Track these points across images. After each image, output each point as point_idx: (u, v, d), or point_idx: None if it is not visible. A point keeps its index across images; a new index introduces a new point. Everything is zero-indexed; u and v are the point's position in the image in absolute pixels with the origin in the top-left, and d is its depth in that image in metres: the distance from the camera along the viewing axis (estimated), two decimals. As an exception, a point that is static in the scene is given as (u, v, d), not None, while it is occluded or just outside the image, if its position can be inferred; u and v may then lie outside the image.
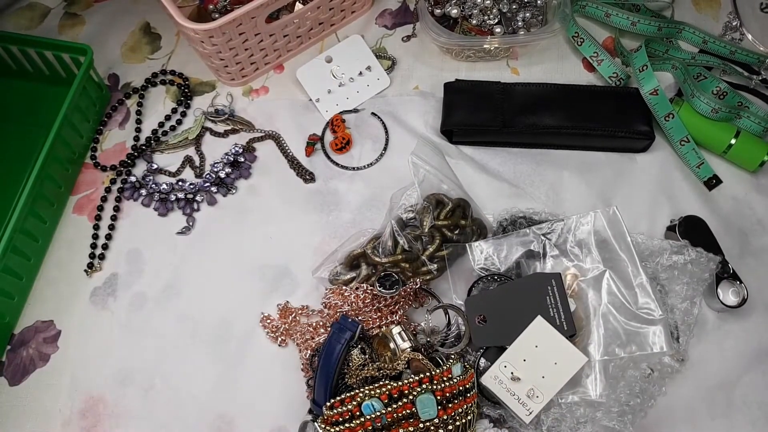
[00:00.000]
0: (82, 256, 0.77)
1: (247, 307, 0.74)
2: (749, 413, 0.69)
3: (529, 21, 0.86)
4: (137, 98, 0.87)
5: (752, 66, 0.86)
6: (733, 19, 0.90)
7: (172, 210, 0.80)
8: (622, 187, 0.79)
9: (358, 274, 0.72)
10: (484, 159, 0.82)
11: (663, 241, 0.73)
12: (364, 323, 0.69)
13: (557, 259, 0.71)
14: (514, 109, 0.81)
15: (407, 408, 0.57)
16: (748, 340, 0.72)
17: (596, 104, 0.81)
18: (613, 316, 0.68)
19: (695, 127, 0.79)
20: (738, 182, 0.80)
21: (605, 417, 0.65)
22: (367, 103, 0.85)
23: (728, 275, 0.71)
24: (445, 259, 0.71)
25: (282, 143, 0.83)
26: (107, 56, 0.89)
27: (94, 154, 0.83)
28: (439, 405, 0.58)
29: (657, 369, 0.67)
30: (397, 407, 0.57)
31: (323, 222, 0.79)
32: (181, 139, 0.84)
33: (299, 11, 0.81)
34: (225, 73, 0.85)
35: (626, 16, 0.85)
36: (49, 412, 0.70)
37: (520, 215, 0.76)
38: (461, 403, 0.59)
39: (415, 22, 0.91)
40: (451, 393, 0.59)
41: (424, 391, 0.58)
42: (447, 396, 0.59)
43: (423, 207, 0.73)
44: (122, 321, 0.74)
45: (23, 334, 0.74)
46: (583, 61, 0.87)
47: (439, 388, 0.58)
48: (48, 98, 0.84)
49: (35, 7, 0.94)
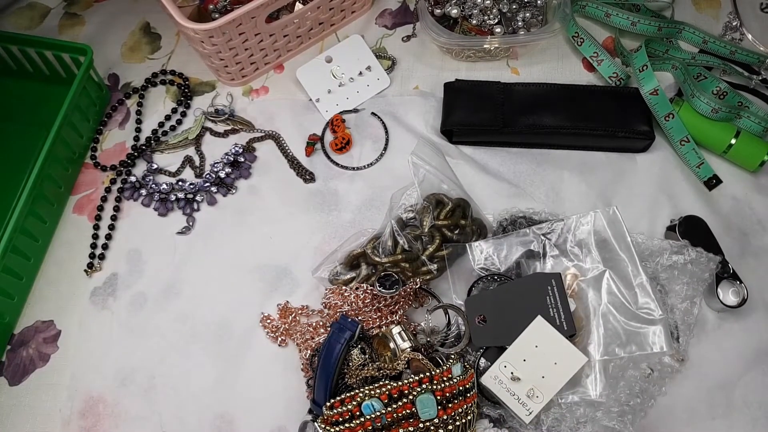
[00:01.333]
0: (82, 256, 0.77)
1: (247, 307, 0.74)
2: (749, 413, 0.69)
3: (529, 21, 0.86)
4: (137, 98, 0.87)
5: (752, 66, 0.86)
6: (733, 19, 0.90)
7: (172, 210, 0.80)
8: (622, 187, 0.79)
9: (358, 274, 0.72)
10: (484, 159, 0.82)
11: (663, 241, 0.73)
12: (364, 323, 0.69)
13: (557, 259, 0.71)
14: (514, 109, 0.81)
15: (407, 408, 0.57)
16: (748, 340, 0.71)
17: (596, 104, 0.81)
18: (613, 316, 0.68)
19: (695, 127, 0.79)
20: (738, 182, 0.80)
21: (605, 417, 0.65)
22: (367, 103, 0.85)
23: (728, 275, 0.71)
24: (445, 259, 0.71)
25: (282, 143, 0.83)
26: (107, 56, 0.89)
27: (94, 154, 0.83)
28: (439, 405, 0.58)
29: (657, 369, 0.67)
30: (397, 407, 0.57)
31: (323, 222, 0.79)
32: (181, 139, 0.84)
33: (299, 11, 0.81)
34: (225, 73, 0.85)
35: (626, 16, 0.85)
36: (49, 412, 0.70)
37: (520, 215, 0.76)
38: (461, 403, 0.59)
39: (415, 22, 0.91)
40: (451, 393, 0.59)
41: (424, 391, 0.58)
42: (447, 396, 0.59)
43: (423, 207, 0.73)
44: (122, 321, 0.74)
45: (23, 334, 0.74)
46: (583, 61, 0.87)
47: (439, 388, 0.58)
48: (48, 98, 0.84)
49: (35, 7, 0.94)
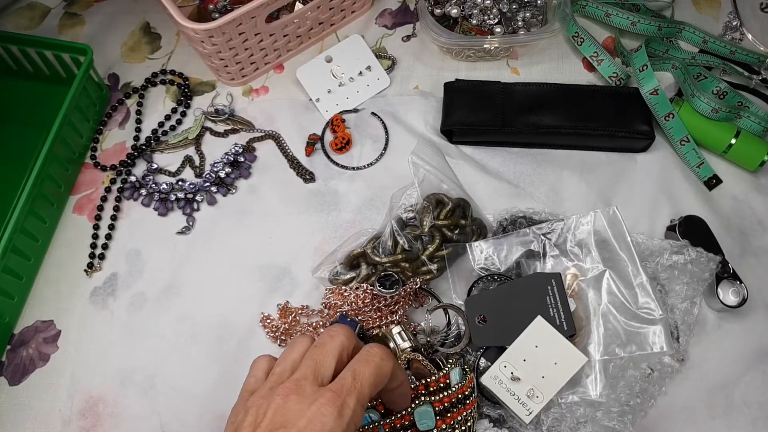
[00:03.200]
0: (82, 256, 0.77)
1: (247, 307, 0.74)
2: (749, 413, 0.69)
3: (529, 21, 0.86)
4: (137, 98, 0.87)
5: (752, 66, 0.86)
6: (733, 19, 0.90)
7: (172, 210, 0.80)
8: (622, 187, 0.79)
9: (358, 274, 0.72)
10: (484, 159, 0.82)
11: (663, 241, 0.73)
12: (364, 323, 0.69)
13: (557, 259, 0.71)
14: (514, 108, 0.81)
15: (405, 420, 0.56)
16: (748, 340, 0.71)
17: (596, 104, 0.81)
18: (613, 316, 0.68)
19: (695, 127, 0.79)
20: (738, 182, 0.80)
21: (605, 417, 0.65)
22: (367, 102, 0.85)
23: (728, 275, 0.71)
24: (445, 259, 0.71)
25: (282, 143, 0.83)
26: (107, 56, 0.89)
27: (94, 153, 0.83)
28: (438, 415, 0.57)
29: (657, 369, 0.67)
30: (395, 419, 0.56)
31: (323, 222, 0.79)
32: (181, 139, 0.84)
33: (299, 11, 0.81)
34: (225, 73, 0.85)
35: (626, 15, 0.85)
36: (49, 412, 0.70)
37: (520, 215, 0.76)
38: (460, 411, 0.59)
39: (415, 22, 0.91)
40: (449, 402, 0.58)
41: (422, 403, 0.57)
42: (445, 405, 0.58)
43: (423, 207, 0.73)
44: (122, 321, 0.74)
45: (23, 334, 0.74)
46: (583, 60, 0.87)
47: (437, 399, 0.57)
48: (48, 98, 0.84)
49: (35, 7, 0.94)
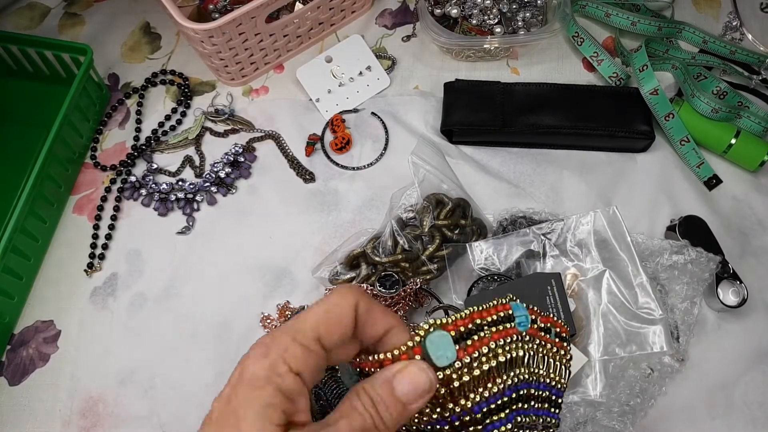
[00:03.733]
0: (82, 256, 0.77)
1: (247, 307, 0.74)
2: (749, 413, 0.69)
3: (529, 21, 0.86)
4: (137, 98, 0.87)
5: (752, 66, 0.86)
6: (733, 19, 0.90)
7: (172, 210, 0.80)
8: (622, 187, 0.79)
9: (358, 274, 0.72)
10: (484, 159, 0.82)
11: (663, 241, 0.73)
12: (364, 323, 0.69)
13: (557, 259, 0.71)
14: (514, 109, 0.81)
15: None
16: (748, 340, 0.71)
17: (596, 104, 0.81)
18: (613, 316, 0.68)
19: (695, 127, 0.79)
20: (738, 182, 0.80)
21: (605, 417, 0.64)
22: (367, 102, 0.85)
23: (728, 275, 0.71)
24: (445, 259, 0.71)
25: (282, 143, 0.83)
26: (107, 56, 0.89)
27: (94, 153, 0.83)
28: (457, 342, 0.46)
29: (657, 369, 0.67)
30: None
31: (323, 222, 0.79)
32: (181, 139, 0.84)
33: (299, 11, 0.81)
34: (225, 73, 0.85)
35: (626, 15, 0.85)
36: (49, 412, 0.70)
37: (520, 215, 0.76)
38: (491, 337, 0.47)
39: (415, 22, 0.91)
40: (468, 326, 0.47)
41: (433, 329, 0.44)
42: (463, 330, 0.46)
43: (423, 207, 0.73)
44: (122, 321, 0.74)
45: (23, 334, 0.74)
46: (583, 61, 0.87)
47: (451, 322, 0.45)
48: (48, 98, 0.84)
49: (35, 7, 0.94)
